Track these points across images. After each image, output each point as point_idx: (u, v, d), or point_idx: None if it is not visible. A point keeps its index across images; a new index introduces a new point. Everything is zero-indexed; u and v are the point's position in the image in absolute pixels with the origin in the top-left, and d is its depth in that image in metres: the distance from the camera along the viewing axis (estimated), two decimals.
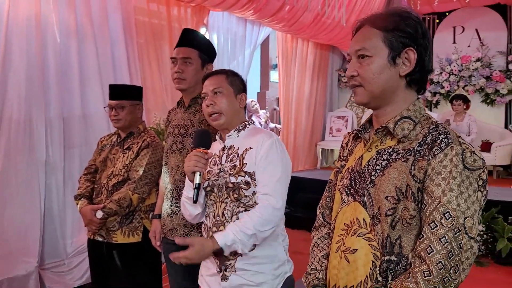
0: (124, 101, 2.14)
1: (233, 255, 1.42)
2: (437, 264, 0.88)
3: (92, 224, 2.06)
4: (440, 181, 0.90)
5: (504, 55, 5.38)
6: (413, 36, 0.98)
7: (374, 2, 5.25)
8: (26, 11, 2.67)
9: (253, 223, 1.33)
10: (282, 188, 1.40)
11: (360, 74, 1.00)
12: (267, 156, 1.41)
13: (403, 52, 0.98)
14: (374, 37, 0.99)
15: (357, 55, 1.01)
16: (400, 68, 0.99)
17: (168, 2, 3.80)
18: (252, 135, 1.49)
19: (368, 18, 1.04)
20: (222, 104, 1.48)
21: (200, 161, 1.37)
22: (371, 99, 1.02)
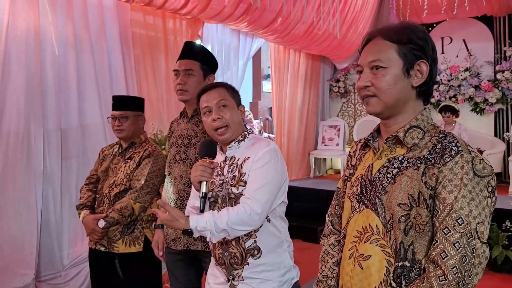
0: (127, 111, 2.18)
1: (239, 264, 1.44)
2: (452, 269, 0.90)
3: (94, 233, 2.06)
4: (452, 188, 0.94)
5: (492, 64, 5.53)
6: (425, 49, 1.03)
7: (364, 13, 5.38)
8: (25, 23, 2.69)
9: (228, 220, 1.34)
10: (266, 195, 1.39)
11: (374, 84, 1.03)
12: (259, 161, 1.43)
13: (416, 64, 1.03)
14: (389, 49, 1.03)
15: (371, 66, 1.04)
16: (412, 80, 1.03)
17: (164, 14, 3.85)
18: (252, 145, 1.51)
19: (380, 31, 1.07)
20: (228, 117, 1.49)
21: (206, 170, 1.39)
22: (384, 109, 1.05)
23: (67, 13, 2.95)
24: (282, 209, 1.53)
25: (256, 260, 1.44)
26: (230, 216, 1.35)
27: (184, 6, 3.45)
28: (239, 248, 1.45)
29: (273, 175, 1.42)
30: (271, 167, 1.42)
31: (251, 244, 1.45)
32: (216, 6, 3.68)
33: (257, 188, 1.39)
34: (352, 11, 5.09)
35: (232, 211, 1.36)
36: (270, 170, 1.42)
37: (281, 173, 1.46)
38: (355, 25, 5.32)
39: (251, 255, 1.44)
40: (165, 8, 3.42)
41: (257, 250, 1.44)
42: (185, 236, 1.84)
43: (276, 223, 1.50)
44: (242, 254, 1.45)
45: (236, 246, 1.45)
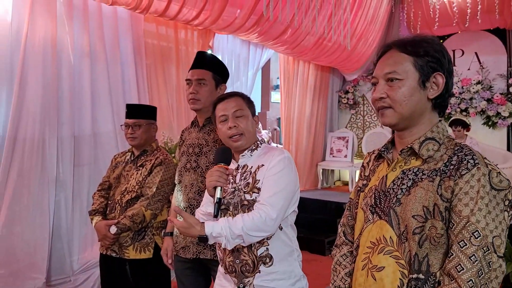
0: (141, 120, 2.21)
1: (251, 272, 1.44)
2: (467, 282, 0.89)
3: (106, 239, 2.09)
4: (468, 201, 0.93)
5: (505, 78, 5.48)
6: (441, 61, 1.03)
7: (374, 26, 5.40)
8: (43, 33, 2.76)
9: (243, 226, 1.35)
10: (281, 201, 1.41)
11: (390, 96, 1.04)
12: (273, 169, 1.45)
13: (431, 77, 1.03)
14: (405, 61, 1.04)
15: (387, 78, 1.05)
16: (428, 92, 1.04)
17: (176, 25, 3.91)
18: (264, 154, 1.53)
19: (396, 43, 1.08)
20: (245, 126, 1.52)
21: (222, 176, 1.41)
22: (400, 121, 1.05)
23: (83, 24, 3.02)
24: (293, 217, 1.55)
25: (268, 268, 1.44)
26: (245, 222, 1.36)
27: (196, 17, 3.51)
28: (251, 255, 1.45)
29: (287, 182, 1.44)
30: (285, 174, 1.44)
31: (263, 251, 1.45)
32: (228, 17, 3.73)
33: (272, 194, 1.40)
34: (363, 23, 5.12)
35: (247, 217, 1.37)
36: (284, 178, 1.44)
37: (294, 181, 1.48)
38: (365, 37, 5.34)
39: (263, 263, 1.45)
40: (177, 19, 3.48)
41: (269, 258, 1.45)
42: (194, 244, 1.85)
43: (288, 231, 1.51)
44: (254, 262, 1.45)
45: (248, 253, 1.45)
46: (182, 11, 3.34)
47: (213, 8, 3.49)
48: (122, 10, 3.28)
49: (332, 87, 6.56)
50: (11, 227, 2.59)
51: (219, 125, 1.56)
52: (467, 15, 4.94)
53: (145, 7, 3.06)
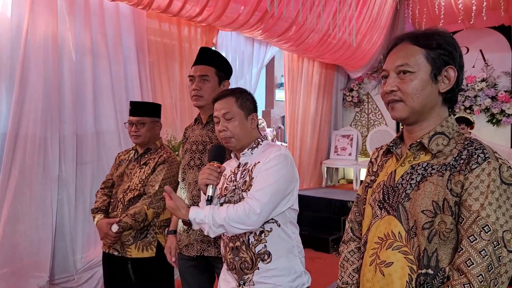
0: (144, 117, 2.18)
1: (250, 269, 1.44)
2: (477, 277, 0.88)
3: (108, 237, 2.07)
4: (478, 195, 0.92)
5: (509, 75, 5.43)
6: (453, 55, 1.02)
7: (379, 23, 5.36)
8: (43, 29, 2.74)
9: (226, 216, 1.36)
10: (267, 196, 1.39)
11: (401, 89, 1.02)
12: (266, 165, 1.44)
13: (443, 70, 1.01)
14: (417, 54, 1.01)
15: (398, 71, 1.03)
16: (440, 85, 1.02)
17: (179, 22, 3.89)
18: (263, 151, 1.52)
19: (408, 35, 1.06)
20: (234, 129, 1.51)
21: (212, 174, 1.42)
22: (410, 114, 1.03)
23: (84, 20, 3.00)
24: (292, 215, 1.53)
25: (267, 264, 1.44)
26: (229, 212, 1.37)
27: (200, 13, 3.48)
28: (249, 252, 1.46)
29: (278, 178, 1.42)
30: (277, 170, 1.43)
31: (261, 248, 1.45)
32: (231, 14, 3.70)
33: (259, 189, 1.40)
34: (368, 20, 5.08)
35: (231, 208, 1.38)
36: (275, 174, 1.42)
37: (288, 178, 1.46)
38: (370, 35, 5.30)
39: (261, 260, 1.45)
40: (180, 15, 3.46)
41: (267, 255, 1.45)
42: (198, 242, 1.84)
43: (286, 228, 1.50)
44: (252, 259, 1.45)
45: (246, 250, 1.46)
46: (185, 7, 3.32)
47: (217, 4, 3.46)
48: (124, 6, 3.26)
49: (336, 85, 6.53)
50: (13, 226, 2.58)
51: (215, 125, 1.58)
52: (472, 12, 4.89)
53: (147, 3, 3.04)
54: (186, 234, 1.88)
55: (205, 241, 1.84)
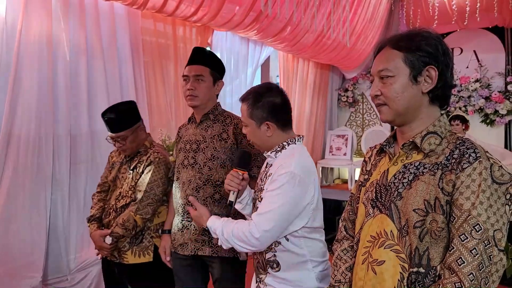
0: (123, 132, 2.05)
1: (263, 271, 1.51)
2: (468, 276, 0.89)
3: (103, 249, 2.05)
4: (469, 194, 0.93)
5: (503, 76, 5.47)
6: (433, 55, 1.02)
7: (374, 23, 5.38)
8: (38, 29, 2.72)
9: (231, 232, 1.41)
10: (271, 223, 1.36)
11: (383, 93, 1.05)
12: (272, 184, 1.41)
13: (424, 70, 1.02)
14: (396, 58, 1.04)
15: (380, 76, 1.06)
16: (422, 86, 1.03)
17: (174, 22, 3.88)
18: (283, 159, 1.47)
19: (388, 40, 1.09)
20: (249, 136, 1.58)
21: (233, 180, 1.51)
22: (396, 117, 1.06)
23: (79, 20, 2.98)
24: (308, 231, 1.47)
25: (275, 273, 1.48)
26: (234, 229, 1.40)
27: (195, 13, 3.48)
28: (261, 256, 1.51)
29: (284, 201, 1.36)
30: (282, 193, 1.37)
31: (271, 256, 1.48)
32: (226, 14, 3.70)
33: (261, 213, 1.38)
34: (362, 21, 5.10)
35: (237, 226, 1.41)
36: (280, 196, 1.37)
37: (296, 199, 1.39)
38: (365, 35, 5.32)
39: (270, 267, 1.49)
40: (175, 15, 3.45)
41: (276, 264, 1.47)
42: (193, 241, 1.84)
43: (298, 242, 1.45)
44: (263, 263, 1.51)
45: (259, 254, 1.51)
46: (180, 7, 3.32)
47: (212, 4, 3.46)
48: (119, 6, 3.25)
49: (331, 85, 6.54)
50: (6, 226, 2.56)
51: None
52: (466, 13, 4.92)
53: (142, 2, 3.03)
54: (181, 234, 1.88)
55: (199, 240, 1.84)
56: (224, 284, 1.85)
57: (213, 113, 1.94)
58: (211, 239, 1.82)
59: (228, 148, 1.86)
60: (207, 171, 1.85)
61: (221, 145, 1.86)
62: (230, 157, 1.86)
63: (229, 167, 1.85)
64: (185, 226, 1.88)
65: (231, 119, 1.92)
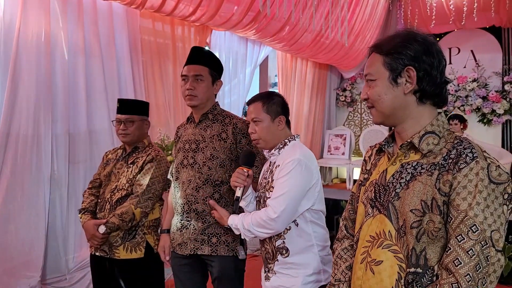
0: (133, 115, 2.15)
1: (271, 259, 1.62)
2: (465, 277, 0.89)
3: (95, 239, 2.03)
4: (466, 195, 0.92)
5: (500, 76, 5.50)
6: (412, 56, 1.02)
7: (372, 23, 5.39)
8: (36, 29, 2.72)
9: (250, 222, 1.57)
10: (283, 203, 1.51)
11: (369, 97, 1.08)
12: (282, 171, 1.56)
13: (403, 72, 1.03)
14: (377, 62, 1.07)
15: (366, 80, 1.10)
16: (403, 87, 1.04)
17: (173, 21, 3.88)
18: (287, 153, 1.63)
19: (374, 45, 1.11)
20: (260, 132, 1.66)
21: (239, 177, 1.61)
22: (384, 118, 1.08)
23: (77, 19, 2.98)
24: (313, 214, 1.62)
25: (285, 258, 1.59)
26: (252, 219, 1.57)
27: (193, 13, 3.48)
28: (271, 245, 1.62)
29: (293, 184, 1.53)
30: (291, 177, 1.53)
31: (280, 243, 1.59)
32: (225, 13, 3.70)
33: (275, 197, 1.54)
34: (360, 21, 5.10)
35: (255, 214, 1.57)
36: (290, 180, 1.53)
37: (304, 181, 1.55)
38: (363, 35, 5.33)
39: (280, 253, 1.59)
40: (174, 15, 3.45)
41: (285, 250, 1.59)
42: (192, 241, 1.85)
43: (306, 227, 1.60)
44: (273, 251, 1.61)
45: (269, 243, 1.63)
46: (178, 7, 3.32)
47: (210, 4, 3.46)
48: (117, 5, 3.25)
49: (330, 85, 6.55)
50: (5, 225, 2.56)
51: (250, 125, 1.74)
52: (463, 13, 4.94)
53: (140, 2, 3.03)
54: (180, 233, 1.89)
55: (198, 239, 1.84)
56: (223, 283, 1.85)
57: (212, 112, 1.95)
58: (210, 238, 1.83)
59: (227, 148, 1.86)
60: (207, 171, 1.85)
61: (221, 145, 1.86)
62: (229, 157, 1.86)
63: (228, 166, 1.85)
64: (184, 225, 1.88)
65: (230, 119, 1.92)
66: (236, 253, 1.83)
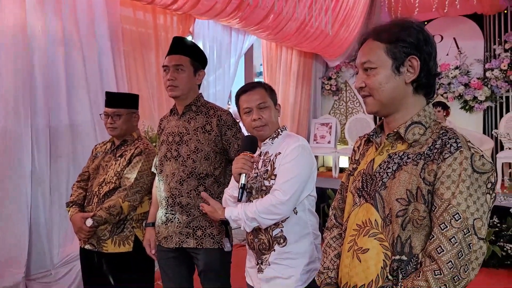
0: (121, 109, 2.13)
1: (267, 250, 1.57)
2: (447, 264, 0.91)
3: (82, 232, 2.02)
4: (450, 184, 0.94)
5: (481, 63, 5.57)
6: (415, 44, 1.03)
7: (356, 11, 5.38)
8: (12, 19, 2.62)
9: (256, 209, 1.50)
10: (294, 187, 1.50)
11: (367, 85, 1.06)
12: (287, 157, 1.54)
13: (406, 61, 1.03)
14: (378, 49, 1.04)
15: (363, 68, 1.07)
16: (405, 76, 1.04)
17: (155, 10, 3.80)
18: (283, 141, 1.62)
19: (372, 31, 1.09)
20: (268, 118, 1.62)
21: (246, 163, 1.50)
22: (381, 108, 1.07)
23: (55, 9, 2.89)
24: (310, 202, 1.63)
25: (282, 248, 1.55)
26: (258, 206, 1.50)
27: (175, 1, 3.41)
28: (267, 235, 1.57)
29: (301, 169, 1.53)
30: (299, 161, 1.53)
31: (278, 232, 1.56)
32: (208, 1, 3.64)
33: (285, 180, 1.51)
34: (344, 9, 5.09)
35: (260, 201, 1.52)
36: (297, 165, 1.53)
37: (308, 167, 1.57)
38: (347, 23, 5.32)
39: (277, 243, 1.56)
40: (155, 3, 3.37)
41: (283, 239, 1.55)
42: (177, 234, 1.84)
43: (304, 215, 1.59)
44: (269, 241, 1.57)
45: (264, 233, 1.58)
46: None
47: None
48: None
49: (315, 74, 6.55)
50: None
51: (244, 116, 1.65)
52: (446, 0, 4.96)
53: None
54: (165, 226, 1.88)
55: (183, 232, 1.83)
56: (209, 276, 1.85)
57: (195, 104, 1.92)
58: (195, 231, 1.83)
59: (212, 140, 1.85)
60: (191, 164, 1.84)
61: (205, 137, 1.85)
62: (214, 149, 1.85)
63: (213, 159, 1.84)
64: (169, 219, 1.87)
65: (215, 111, 1.91)
66: (222, 245, 1.83)
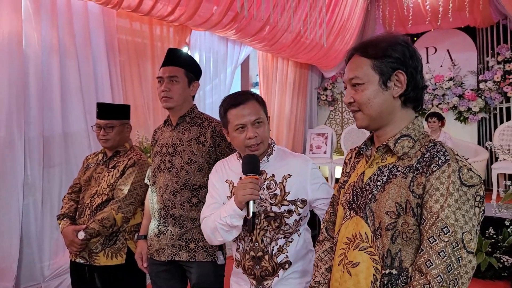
0: (113, 121, 2.10)
1: (270, 276, 1.45)
2: (436, 278, 0.90)
3: (73, 245, 1.97)
4: (438, 197, 0.94)
5: (475, 74, 5.64)
6: (401, 59, 1.04)
7: (351, 23, 5.44)
8: (7, 28, 2.63)
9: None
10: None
11: (356, 100, 1.07)
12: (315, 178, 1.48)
13: (393, 76, 1.04)
14: (365, 65, 1.06)
15: (351, 83, 1.08)
16: (393, 90, 1.05)
17: (151, 21, 3.82)
18: (282, 159, 1.48)
19: (358, 47, 1.10)
20: (263, 134, 1.44)
21: (256, 188, 1.31)
22: (370, 122, 1.07)
23: (51, 19, 2.90)
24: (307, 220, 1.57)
25: (286, 271, 1.47)
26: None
27: (171, 13, 3.43)
28: (272, 263, 1.46)
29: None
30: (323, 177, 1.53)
31: (283, 259, 1.46)
32: (204, 13, 3.67)
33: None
34: (339, 21, 5.15)
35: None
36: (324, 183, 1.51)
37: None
38: (342, 35, 5.38)
39: (282, 268, 1.46)
40: (151, 14, 3.39)
41: (288, 264, 1.47)
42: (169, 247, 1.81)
43: (304, 235, 1.54)
44: (274, 268, 1.46)
45: (269, 260, 1.46)
46: (156, 7, 3.27)
47: (189, 4, 3.42)
48: (93, 5, 3.18)
49: (311, 84, 6.59)
50: None
51: (235, 133, 1.44)
52: (439, 13, 5.03)
53: (117, 2, 2.96)
54: (157, 239, 1.85)
55: (176, 245, 1.81)
56: None
57: (190, 115, 1.92)
58: (188, 244, 1.80)
59: (205, 152, 1.84)
60: (185, 175, 1.82)
61: (199, 149, 1.84)
62: (207, 161, 1.84)
63: (206, 170, 1.82)
64: (162, 231, 1.84)
65: (209, 122, 1.90)
66: (215, 258, 1.80)
